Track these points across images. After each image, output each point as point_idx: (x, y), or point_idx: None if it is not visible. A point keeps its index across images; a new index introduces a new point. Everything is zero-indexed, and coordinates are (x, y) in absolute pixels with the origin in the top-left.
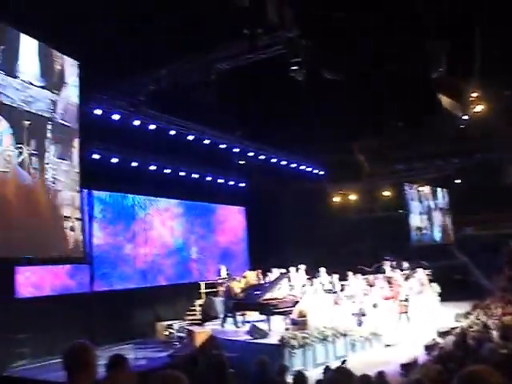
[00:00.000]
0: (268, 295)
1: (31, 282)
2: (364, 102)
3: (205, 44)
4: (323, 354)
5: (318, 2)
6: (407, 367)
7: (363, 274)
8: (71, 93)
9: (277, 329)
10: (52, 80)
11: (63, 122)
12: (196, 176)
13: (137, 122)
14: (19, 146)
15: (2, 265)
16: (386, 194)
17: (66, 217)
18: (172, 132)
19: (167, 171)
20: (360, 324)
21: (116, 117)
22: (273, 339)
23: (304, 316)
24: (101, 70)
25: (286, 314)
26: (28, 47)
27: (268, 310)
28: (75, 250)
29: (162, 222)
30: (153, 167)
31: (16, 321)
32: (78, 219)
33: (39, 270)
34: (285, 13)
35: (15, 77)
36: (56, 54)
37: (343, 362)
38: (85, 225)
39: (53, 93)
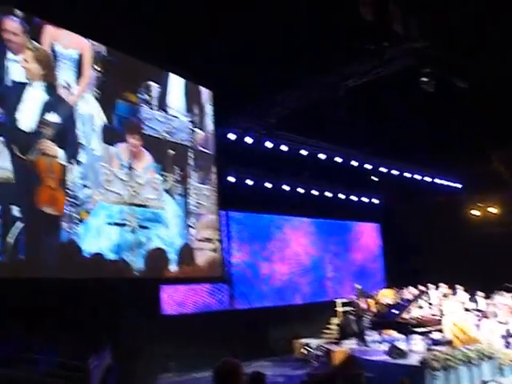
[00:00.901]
0: (406, 314)
1: (175, 299)
2: (502, 109)
3: (332, 62)
4: (467, 377)
5: (442, 8)
6: None
7: (509, 292)
8: (208, 121)
9: (417, 349)
10: (191, 111)
11: (202, 149)
12: (329, 194)
13: (269, 144)
14: (165, 173)
15: (150, 283)
16: None
17: (208, 239)
18: (303, 151)
19: (300, 190)
20: (508, 346)
21: (249, 140)
22: (413, 360)
23: (446, 336)
24: (233, 95)
25: (426, 333)
26: (174, 84)
27: (407, 329)
28: (216, 270)
29: (297, 240)
30: (286, 187)
31: (162, 336)
32: (218, 240)
33: (182, 289)
34: (409, 23)
35: (162, 110)
36: (194, 85)
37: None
38: (223, 245)
39: (192, 122)
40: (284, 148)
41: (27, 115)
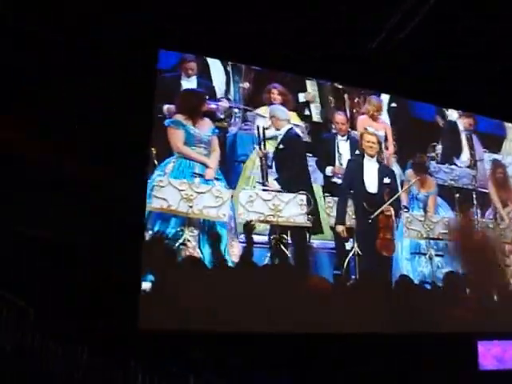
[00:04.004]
0: None
1: (493, 354)
2: None
3: None
4: None
5: None
6: None
7: None
8: (487, 166)
9: None
10: (472, 160)
11: (482, 190)
12: None
13: None
14: (455, 212)
15: (467, 339)
16: None
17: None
18: None
19: None
20: None
21: None
22: None
23: None
24: None
25: None
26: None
27: None
28: None
29: None
30: None
31: None
32: None
33: (502, 342)
34: None
35: (446, 163)
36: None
37: None
38: None
39: (472, 169)
40: None
41: (370, 180)
